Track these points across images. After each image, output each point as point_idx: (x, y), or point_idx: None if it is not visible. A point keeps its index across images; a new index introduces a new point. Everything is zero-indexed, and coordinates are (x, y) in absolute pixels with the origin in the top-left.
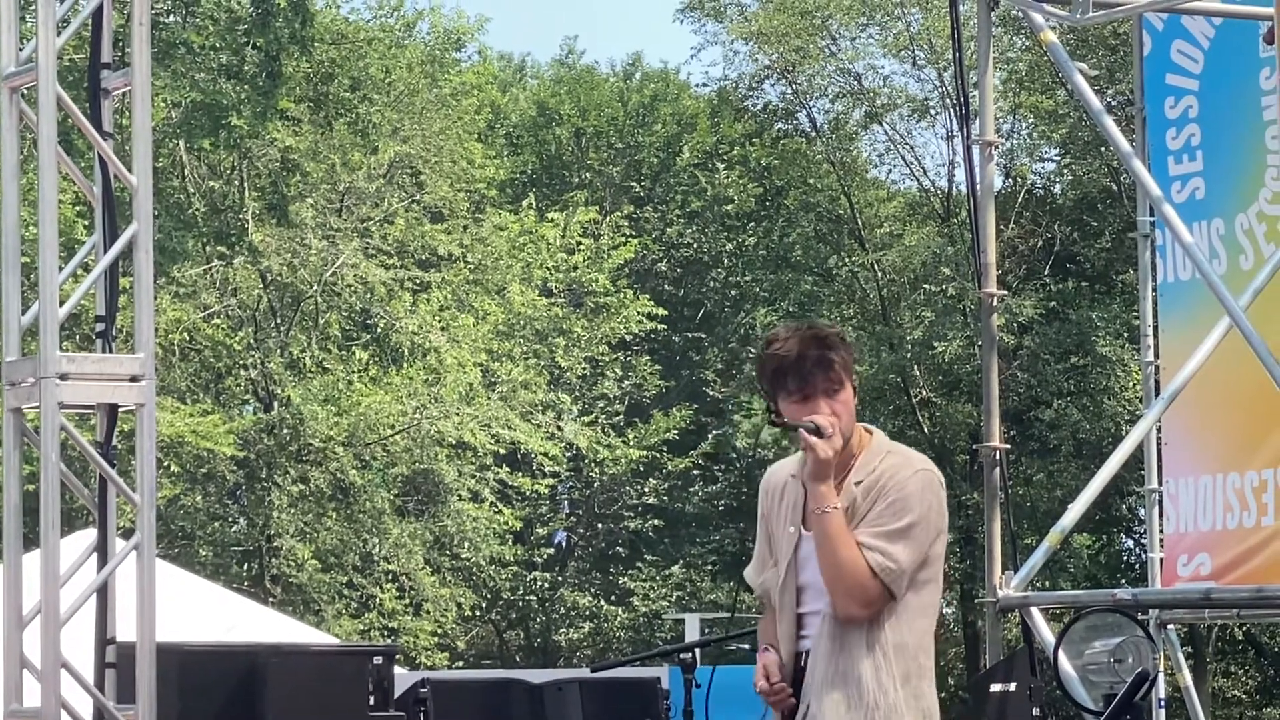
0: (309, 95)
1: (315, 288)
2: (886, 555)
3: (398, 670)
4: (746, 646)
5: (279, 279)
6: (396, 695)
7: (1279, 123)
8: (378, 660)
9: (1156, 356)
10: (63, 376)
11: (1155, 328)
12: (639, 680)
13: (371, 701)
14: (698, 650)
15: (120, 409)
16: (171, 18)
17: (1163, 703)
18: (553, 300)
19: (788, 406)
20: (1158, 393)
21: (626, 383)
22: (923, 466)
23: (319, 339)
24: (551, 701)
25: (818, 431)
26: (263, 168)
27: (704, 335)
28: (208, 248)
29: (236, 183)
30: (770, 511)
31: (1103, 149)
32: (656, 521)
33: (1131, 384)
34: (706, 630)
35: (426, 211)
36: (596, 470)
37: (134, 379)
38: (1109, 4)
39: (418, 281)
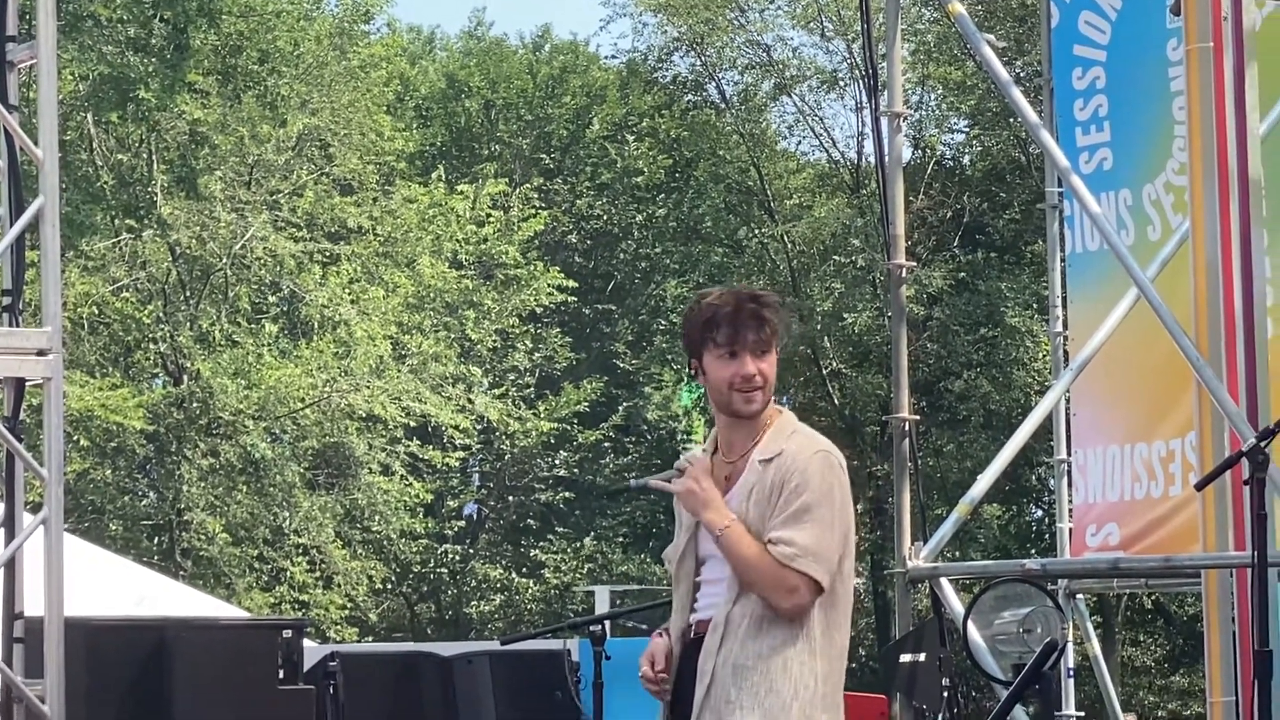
0: (217, 68)
1: (224, 261)
2: (789, 544)
3: (308, 643)
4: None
5: (188, 252)
6: (306, 668)
7: (1186, 94)
8: (287, 634)
9: (1065, 327)
10: None
11: (1064, 299)
12: (549, 652)
13: (281, 675)
14: (608, 623)
15: (28, 383)
16: None
17: (1072, 672)
18: (463, 273)
19: (713, 362)
20: (1066, 363)
21: (537, 355)
22: (823, 448)
23: (228, 312)
24: (461, 674)
25: (679, 475)
26: (171, 141)
27: (614, 307)
28: (116, 221)
29: (145, 156)
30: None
31: (1011, 120)
32: (567, 494)
33: (1041, 355)
34: (617, 603)
35: (336, 184)
36: (507, 443)
37: (41, 353)
38: None
39: (327, 254)
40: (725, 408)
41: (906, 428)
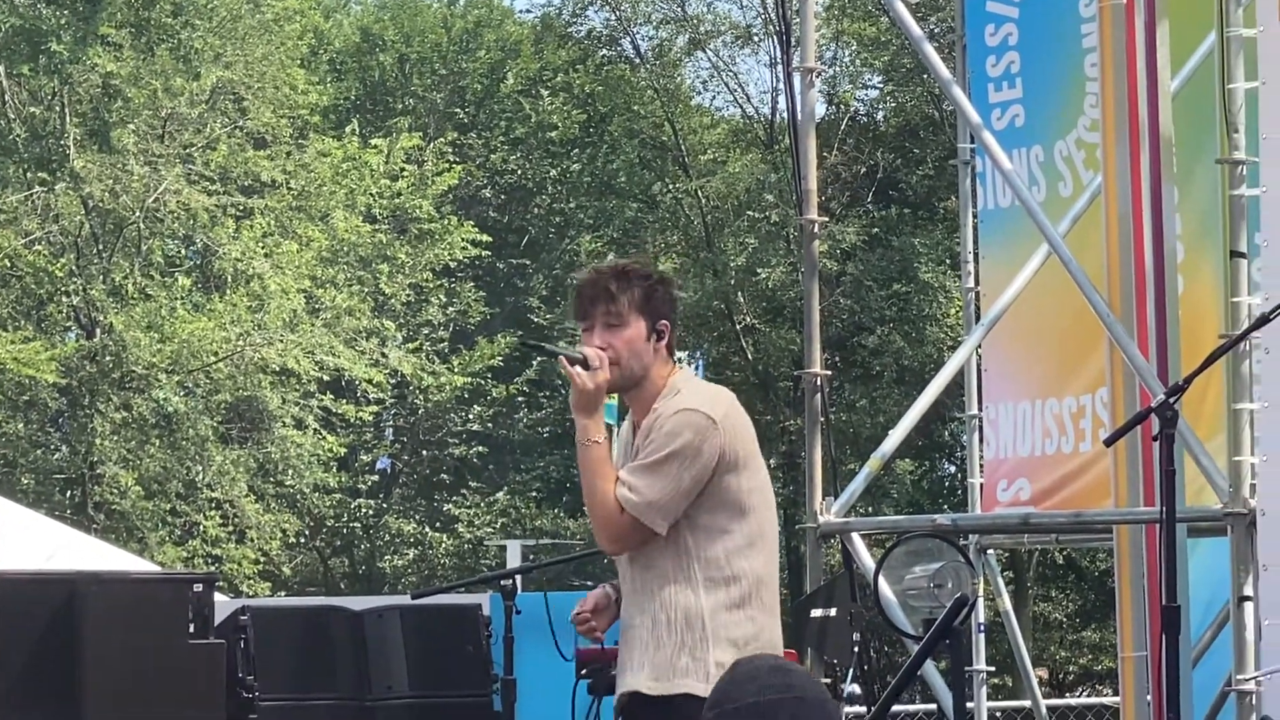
0: (130, 20)
1: (138, 214)
2: (631, 489)
3: (219, 597)
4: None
5: (101, 205)
6: (217, 622)
7: (1098, 50)
8: (198, 587)
9: (977, 283)
10: None
11: (975, 254)
12: (460, 607)
13: (191, 629)
14: (519, 577)
15: None
16: None
17: (983, 627)
18: (376, 227)
19: (583, 336)
20: (978, 319)
21: (451, 309)
22: (688, 406)
23: (141, 265)
24: (372, 628)
25: (584, 363)
26: (84, 94)
27: (528, 262)
28: (29, 174)
29: (57, 109)
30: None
31: (925, 76)
32: (481, 448)
33: (953, 310)
34: (530, 557)
35: (249, 138)
36: (421, 397)
37: None
38: None
39: (241, 208)
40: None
41: (818, 382)
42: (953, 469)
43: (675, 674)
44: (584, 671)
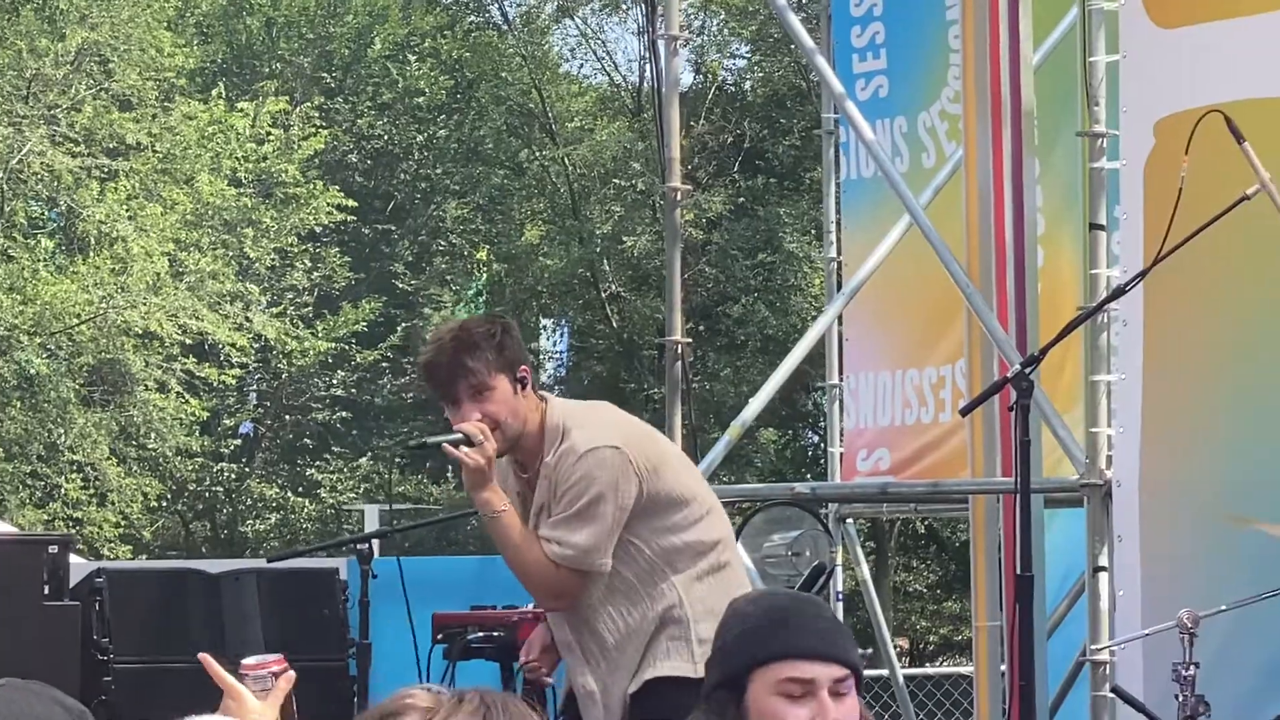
0: None
1: (0, 176)
2: (563, 544)
3: (77, 560)
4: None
5: None
6: (72, 585)
7: (961, 22)
8: (53, 549)
9: (839, 253)
10: None
11: (838, 224)
12: (317, 571)
13: (46, 591)
14: (375, 541)
15: None
16: None
17: (841, 595)
18: (242, 191)
19: (450, 413)
20: (839, 289)
21: (316, 274)
22: (588, 448)
23: (4, 227)
24: (228, 591)
25: (468, 441)
26: None
27: (394, 227)
28: None
29: None
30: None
31: (792, 46)
32: (345, 414)
33: (818, 281)
34: (394, 521)
35: (115, 100)
36: (285, 361)
37: None
38: None
39: (105, 170)
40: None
41: (679, 350)
42: (816, 439)
43: (657, 659)
44: (440, 636)
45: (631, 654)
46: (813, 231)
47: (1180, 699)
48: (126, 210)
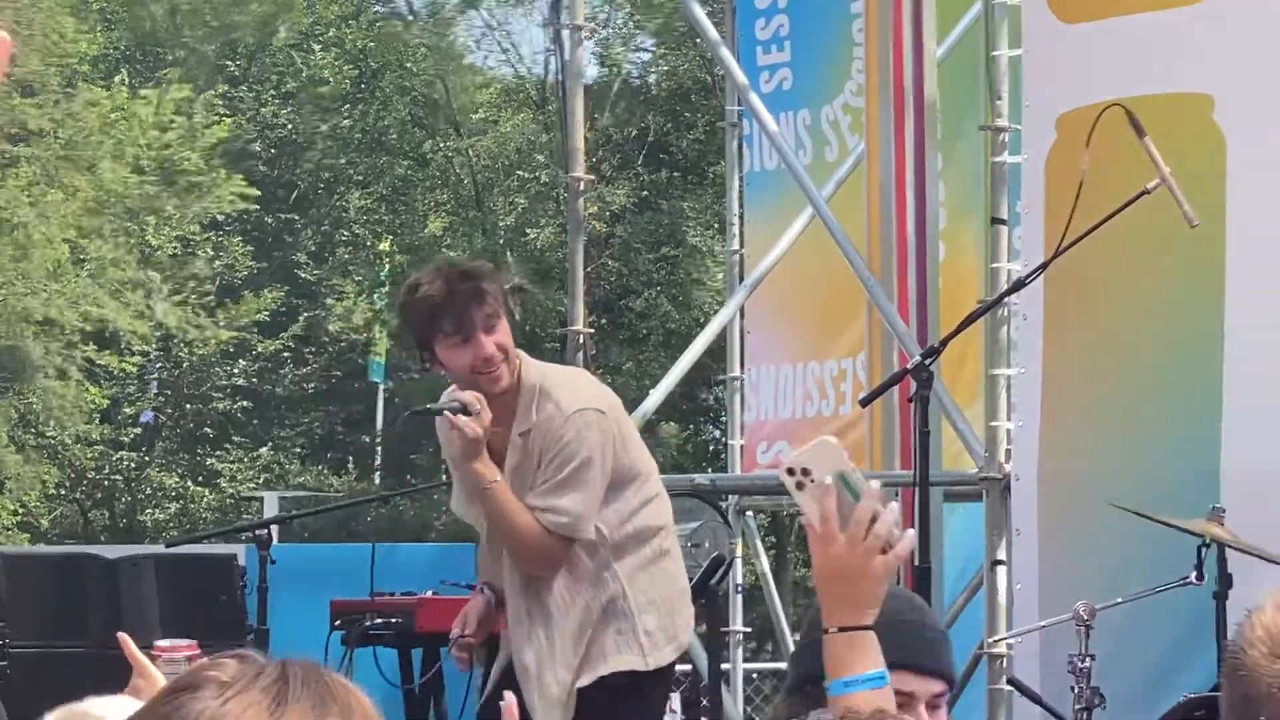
0: None
1: None
2: (556, 511)
3: None
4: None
5: None
6: None
7: (864, 15)
8: None
9: (741, 245)
10: None
11: (740, 217)
12: (215, 556)
13: None
14: (275, 528)
15: None
16: None
17: (741, 589)
18: (144, 178)
19: (447, 351)
20: (741, 281)
21: (218, 263)
22: (575, 409)
23: None
24: (126, 576)
25: (464, 410)
26: None
27: (297, 217)
28: None
29: None
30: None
31: (697, 40)
32: (245, 403)
33: (720, 275)
34: (286, 510)
35: (17, 86)
36: (186, 350)
37: None
38: None
39: (6, 156)
40: (474, 388)
41: (581, 341)
42: (718, 433)
43: (606, 655)
44: (338, 623)
45: (572, 638)
46: (715, 226)
47: (1076, 691)
48: (28, 196)
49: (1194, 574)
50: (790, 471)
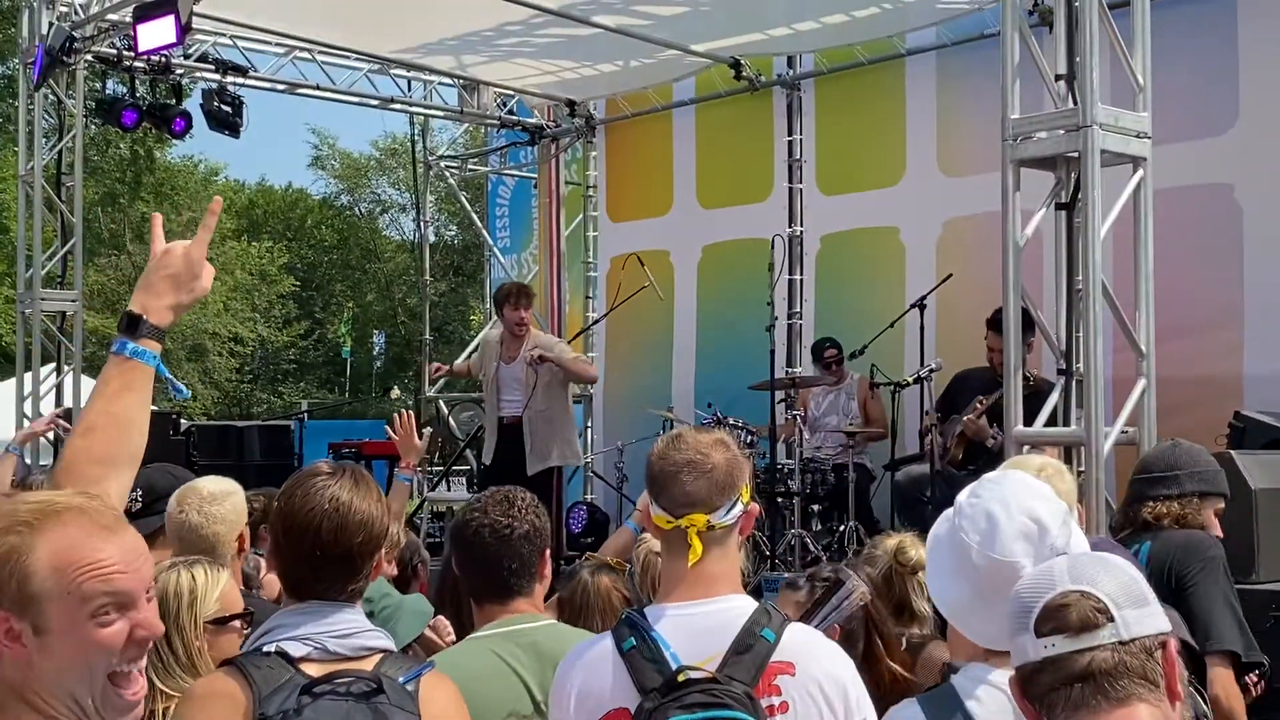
0: None
1: None
2: (571, 352)
3: None
4: None
5: None
6: None
7: (537, 210)
8: None
9: None
10: None
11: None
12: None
13: None
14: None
15: None
16: None
17: None
18: None
19: (506, 312)
20: None
21: None
22: (550, 338)
23: None
24: None
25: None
26: None
27: None
28: None
29: None
30: (484, 354)
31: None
32: None
33: None
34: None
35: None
36: None
37: None
38: None
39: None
40: (510, 333)
41: None
42: None
43: (553, 454)
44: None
45: (549, 425)
46: None
47: None
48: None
49: None
50: None
